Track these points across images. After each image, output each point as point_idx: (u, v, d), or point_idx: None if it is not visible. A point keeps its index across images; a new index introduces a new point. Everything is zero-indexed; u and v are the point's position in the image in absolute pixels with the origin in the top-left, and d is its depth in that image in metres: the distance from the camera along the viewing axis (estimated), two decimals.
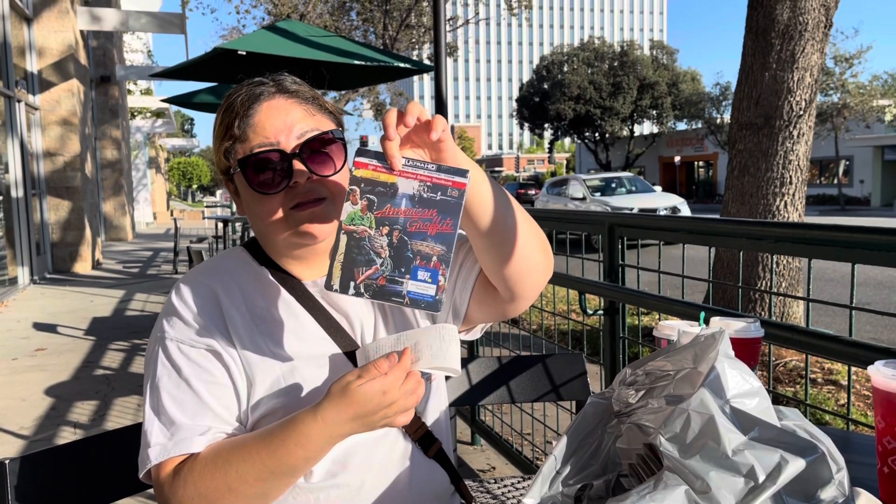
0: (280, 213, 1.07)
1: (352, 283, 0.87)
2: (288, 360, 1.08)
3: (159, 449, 1.00)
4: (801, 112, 5.10)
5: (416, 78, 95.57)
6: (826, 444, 0.76)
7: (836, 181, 36.20)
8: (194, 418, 1.02)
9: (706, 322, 1.17)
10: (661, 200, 15.32)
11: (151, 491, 1.09)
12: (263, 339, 1.08)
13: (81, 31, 11.98)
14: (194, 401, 1.03)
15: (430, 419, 1.19)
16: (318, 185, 1.07)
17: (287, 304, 1.13)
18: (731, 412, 0.78)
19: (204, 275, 1.12)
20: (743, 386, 0.81)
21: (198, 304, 1.08)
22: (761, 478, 0.71)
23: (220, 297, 1.09)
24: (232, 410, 1.06)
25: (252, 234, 1.19)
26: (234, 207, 1.21)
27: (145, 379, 1.08)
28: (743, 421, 0.77)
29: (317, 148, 1.07)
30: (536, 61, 53.49)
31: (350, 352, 1.12)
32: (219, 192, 62.04)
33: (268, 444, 0.98)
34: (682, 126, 47.97)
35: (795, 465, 0.72)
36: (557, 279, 3.02)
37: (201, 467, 0.99)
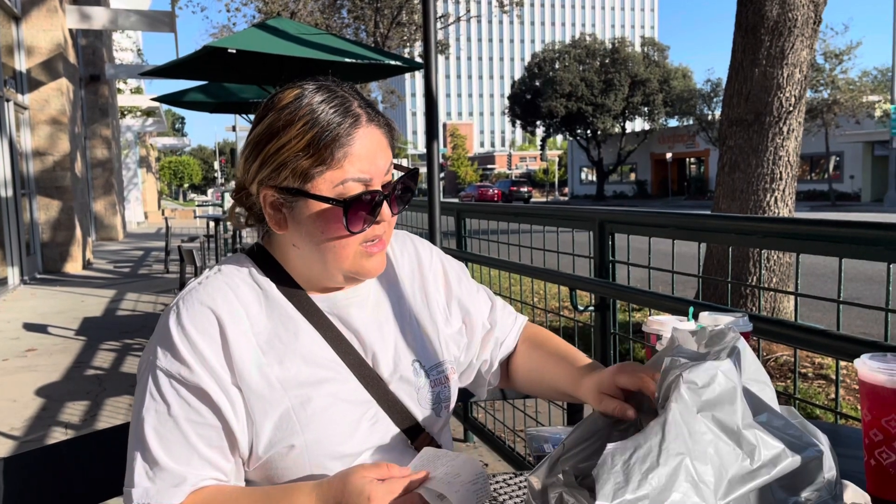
0: (352, 248, 1.06)
1: None
2: (297, 391, 1.04)
3: (142, 491, 0.98)
4: (791, 108, 5.12)
5: (408, 76, 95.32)
6: (825, 445, 0.77)
7: (826, 177, 36.41)
8: (178, 462, 0.99)
9: (695, 317, 1.17)
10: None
11: None
12: (271, 369, 1.03)
13: (70, 30, 11.91)
14: (181, 442, 1.00)
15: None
16: (386, 224, 1.08)
17: (294, 322, 1.08)
18: (746, 392, 0.78)
19: (208, 297, 1.04)
20: (758, 373, 0.82)
21: (198, 334, 1.01)
22: (759, 462, 0.72)
23: (225, 325, 1.02)
24: (223, 451, 1.02)
25: (244, 238, 1.17)
26: (269, 222, 1.07)
27: (136, 398, 1.04)
28: (754, 403, 0.78)
29: (398, 188, 1.08)
30: (528, 59, 53.53)
31: (358, 371, 1.09)
32: (210, 191, 61.64)
33: (256, 502, 0.97)
34: (673, 123, 48.12)
35: (792, 461, 0.73)
36: (549, 276, 3.03)
37: None
